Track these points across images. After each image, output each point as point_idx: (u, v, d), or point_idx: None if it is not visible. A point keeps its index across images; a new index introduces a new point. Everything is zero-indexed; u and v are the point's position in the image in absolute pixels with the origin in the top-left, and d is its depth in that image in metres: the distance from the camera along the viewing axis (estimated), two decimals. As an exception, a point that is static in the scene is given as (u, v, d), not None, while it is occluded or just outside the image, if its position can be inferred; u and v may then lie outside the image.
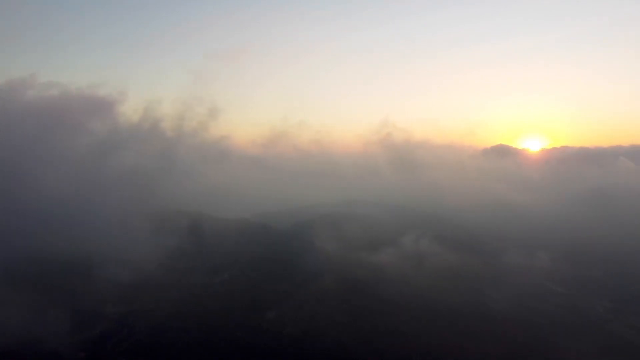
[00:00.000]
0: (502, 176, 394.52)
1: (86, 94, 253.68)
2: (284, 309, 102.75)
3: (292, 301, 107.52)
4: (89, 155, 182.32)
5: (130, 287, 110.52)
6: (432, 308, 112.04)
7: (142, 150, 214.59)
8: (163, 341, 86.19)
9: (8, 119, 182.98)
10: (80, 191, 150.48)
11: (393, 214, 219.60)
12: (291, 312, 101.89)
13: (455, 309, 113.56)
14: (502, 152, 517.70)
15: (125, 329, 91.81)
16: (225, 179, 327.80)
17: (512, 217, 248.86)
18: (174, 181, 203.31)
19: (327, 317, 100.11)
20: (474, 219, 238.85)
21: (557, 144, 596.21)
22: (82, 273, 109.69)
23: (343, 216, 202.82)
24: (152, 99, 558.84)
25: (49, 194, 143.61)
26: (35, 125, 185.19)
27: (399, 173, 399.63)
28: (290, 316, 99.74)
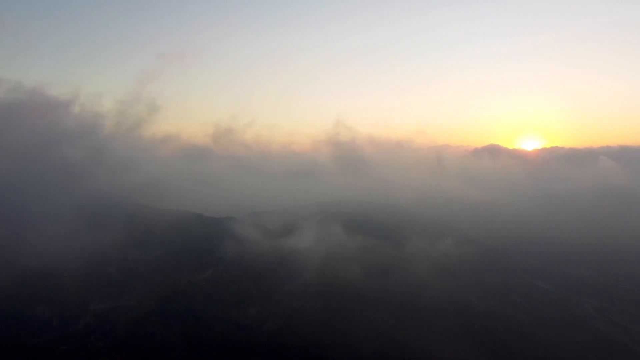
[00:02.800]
0: (480, 176, 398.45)
1: (28, 91, 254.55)
2: (265, 305, 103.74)
3: (274, 298, 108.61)
4: (27, 150, 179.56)
5: (116, 282, 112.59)
6: (412, 304, 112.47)
7: (82, 146, 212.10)
8: (144, 336, 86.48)
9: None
10: (18, 185, 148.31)
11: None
12: (272, 308, 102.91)
13: (437, 305, 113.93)
14: (492, 152, 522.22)
15: (108, 325, 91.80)
16: (171, 173, 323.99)
17: (491, 217, 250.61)
18: (110, 174, 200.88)
19: (305, 313, 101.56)
20: (438, 217, 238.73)
21: (551, 145, 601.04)
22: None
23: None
24: (96, 94, 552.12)
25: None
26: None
27: (349, 172, 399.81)
28: (271, 312, 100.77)
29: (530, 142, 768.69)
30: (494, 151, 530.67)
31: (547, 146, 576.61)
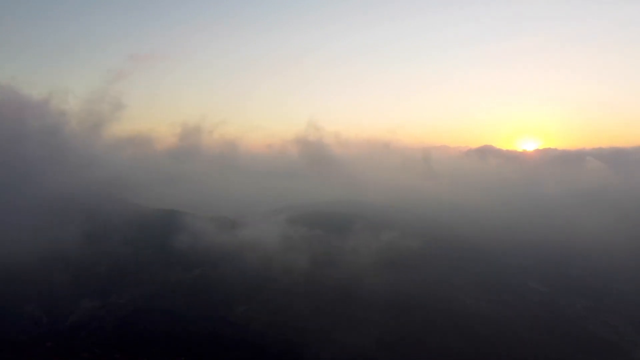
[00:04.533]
0: (467, 175, 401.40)
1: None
2: (253, 304, 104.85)
3: (261, 296, 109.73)
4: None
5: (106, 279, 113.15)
6: (400, 302, 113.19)
7: (46, 143, 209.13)
8: (131, 333, 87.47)
9: None
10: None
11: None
12: (259, 306, 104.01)
13: (425, 303, 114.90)
14: (484, 153, 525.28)
15: (95, 322, 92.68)
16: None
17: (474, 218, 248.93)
18: (76, 171, 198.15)
19: (291, 310, 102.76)
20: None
21: (546, 146, 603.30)
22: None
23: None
24: (64, 92, 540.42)
25: None
26: None
27: (321, 172, 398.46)
28: (258, 310, 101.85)
29: (526, 143, 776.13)
30: (486, 152, 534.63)
31: (541, 147, 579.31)
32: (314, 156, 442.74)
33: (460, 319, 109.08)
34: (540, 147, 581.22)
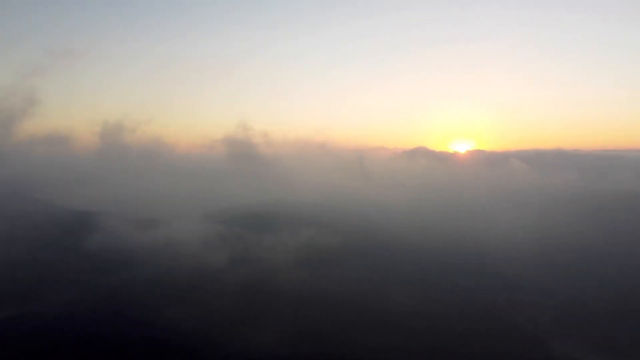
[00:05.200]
0: (399, 175, 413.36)
1: None
2: (183, 307, 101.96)
3: (191, 297, 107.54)
4: None
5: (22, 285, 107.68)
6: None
7: None
8: (53, 341, 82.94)
9: None
10: None
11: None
12: (190, 309, 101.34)
13: (352, 299, 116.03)
14: (417, 154, 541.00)
15: (11, 332, 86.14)
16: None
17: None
18: None
19: (223, 312, 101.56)
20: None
21: (476, 148, 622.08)
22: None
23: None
24: None
25: None
26: None
27: (250, 172, 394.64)
28: (189, 313, 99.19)
29: (458, 145, 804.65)
30: (420, 153, 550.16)
31: (472, 149, 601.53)
32: (242, 155, 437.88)
33: (388, 315, 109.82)
34: (471, 149, 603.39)
